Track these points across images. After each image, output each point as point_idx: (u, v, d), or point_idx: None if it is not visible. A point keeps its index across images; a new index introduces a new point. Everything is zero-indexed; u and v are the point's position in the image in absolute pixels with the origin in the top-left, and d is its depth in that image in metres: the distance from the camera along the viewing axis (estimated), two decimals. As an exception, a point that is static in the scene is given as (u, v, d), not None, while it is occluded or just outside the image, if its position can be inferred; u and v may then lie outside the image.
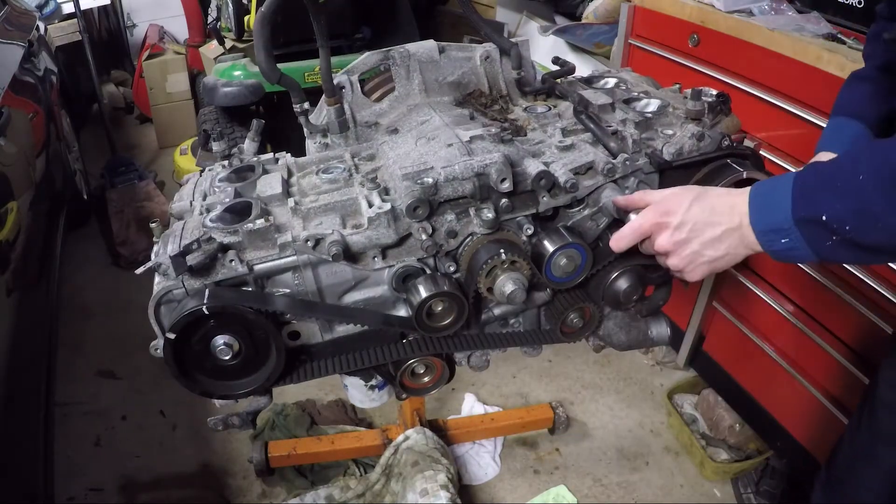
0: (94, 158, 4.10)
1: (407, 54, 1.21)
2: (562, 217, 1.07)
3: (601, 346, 1.26)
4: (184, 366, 0.98)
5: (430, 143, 1.06)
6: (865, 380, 1.60)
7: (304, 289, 0.99)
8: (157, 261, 0.91)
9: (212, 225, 0.97)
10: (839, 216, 0.74)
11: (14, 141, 2.12)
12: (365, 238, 0.96)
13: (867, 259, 0.79)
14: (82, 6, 3.96)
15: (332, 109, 1.16)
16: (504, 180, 0.96)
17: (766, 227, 0.82)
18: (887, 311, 1.56)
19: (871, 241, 0.74)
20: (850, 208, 0.74)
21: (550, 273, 1.04)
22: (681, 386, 2.37)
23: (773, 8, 1.87)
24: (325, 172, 1.08)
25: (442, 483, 1.80)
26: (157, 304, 0.94)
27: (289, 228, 0.97)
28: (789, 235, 0.79)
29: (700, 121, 1.09)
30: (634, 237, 0.94)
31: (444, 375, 1.16)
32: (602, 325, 1.21)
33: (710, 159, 1.06)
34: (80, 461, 2.22)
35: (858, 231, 0.74)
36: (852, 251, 0.77)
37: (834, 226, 0.75)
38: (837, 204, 0.75)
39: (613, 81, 1.30)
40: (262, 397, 1.08)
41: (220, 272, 0.93)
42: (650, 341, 1.24)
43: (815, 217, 0.76)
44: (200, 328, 0.95)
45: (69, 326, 2.73)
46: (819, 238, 0.77)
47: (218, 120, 3.26)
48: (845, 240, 0.75)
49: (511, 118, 1.19)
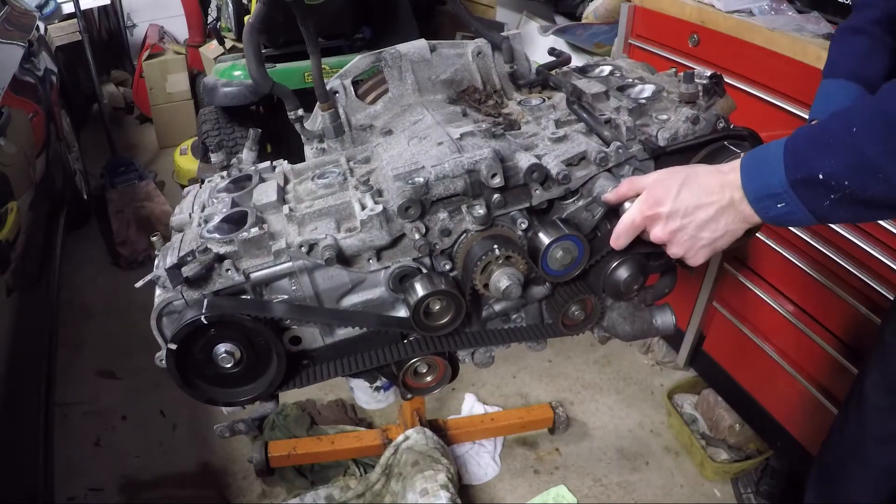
0: (94, 158, 4.10)
1: (398, 55, 1.21)
2: (557, 209, 1.06)
3: (606, 338, 1.25)
4: (187, 375, 0.99)
5: (421, 142, 1.05)
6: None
7: (302, 294, 1.00)
8: (156, 273, 0.93)
9: (208, 235, 0.97)
10: (836, 172, 0.72)
11: (14, 141, 2.12)
12: (358, 241, 0.96)
13: (865, 215, 0.76)
14: (82, 6, 3.95)
15: (326, 115, 1.16)
16: (494, 175, 0.95)
17: (761, 193, 0.80)
18: (885, 309, 1.56)
19: (870, 195, 0.72)
20: (846, 163, 0.72)
21: (547, 266, 1.02)
22: (681, 386, 2.37)
23: (773, 8, 1.87)
24: (321, 177, 1.08)
25: (442, 483, 1.80)
26: (159, 315, 0.96)
27: (283, 235, 0.97)
28: (785, 199, 0.77)
29: (694, 104, 1.07)
30: (630, 233, 0.93)
31: (446, 374, 1.16)
32: (606, 317, 1.20)
33: (706, 142, 1.04)
34: (80, 461, 2.22)
35: (859, 185, 0.71)
36: (850, 208, 0.74)
37: (832, 183, 0.73)
38: (832, 160, 0.72)
39: (608, 69, 1.29)
40: (268, 403, 1.09)
41: (217, 282, 0.94)
42: (655, 330, 1.22)
43: (810, 177, 0.74)
44: (201, 338, 0.96)
45: (69, 326, 2.73)
46: (817, 198, 0.75)
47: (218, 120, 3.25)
48: (844, 196, 0.73)
49: (505, 112, 1.18)
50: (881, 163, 0.69)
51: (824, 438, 1.42)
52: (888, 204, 0.73)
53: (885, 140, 0.68)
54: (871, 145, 0.70)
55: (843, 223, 1.56)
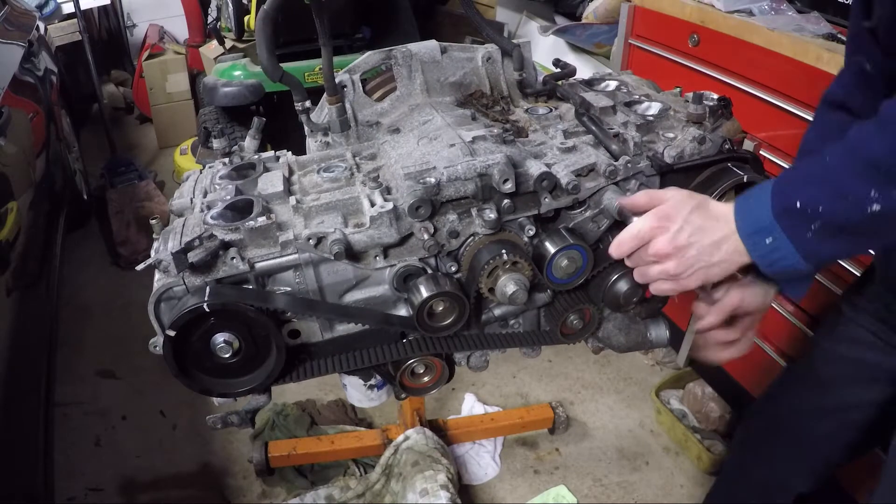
0: (94, 158, 4.10)
1: (409, 54, 1.21)
2: (563, 219, 1.07)
3: (600, 348, 1.26)
4: (183, 363, 0.98)
5: (432, 143, 1.06)
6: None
7: (305, 287, 0.99)
8: (157, 257, 0.91)
9: (213, 222, 0.96)
10: (811, 199, 0.77)
11: (14, 141, 2.12)
12: (367, 237, 0.96)
13: (851, 246, 0.80)
14: (82, 6, 3.96)
15: (333, 108, 1.16)
16: (507, 181, 0.96)
17: (751, 228, 0.83)
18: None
19: (844, 220, 0.76)
20: (819, 189, 0.77)
21: (552, 274, 1.04)
22: (665, 382, 2.37)
23: (773, 8, 1.87)
24: (327, 171, 1.08)
25: (442, 483, 1.80)
26: (158, 300, 0.94)
27: (290, 226, 0.97)
28: (772, 233, 0.81)
29: (701, 124, 1.09)
30: (634, 242, 0.93)
31: (443, 375, 1.16)
32: (602, 327, 1.21)
33: (710, 163, 1.06)
34: (80, 461, 2.22)
35: (832, 210, 0.76)
36: (830, 239, 0.78)
37: (808, 210, 0.77)
38: (809, 188, 0.78)
39: (614, 84, 1.30)
40: (261, 396, 1.07)
41: (220, 269, 0.93)
42: (649, 343, 1.24)
43: (790, 205, 0.79)
44: (200, 326, 0.95)
45: (69, 326, 2.72)
46: (799, 228, 0.79)
47: (218, 120, 3.26)
48: (823, 225, 0.77)
49: (512, 119, 1.19)
50: (847, 184, 0.75)
51: (760, 395, 1.46)
52: (863, 230, 0.77)
53: (852, 166, 0.75)
54: (840, 171, 0.76)
55: (831, 262, 1.58)
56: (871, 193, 0.72)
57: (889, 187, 0.72)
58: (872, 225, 0.75)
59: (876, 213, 0.73)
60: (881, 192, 0.72)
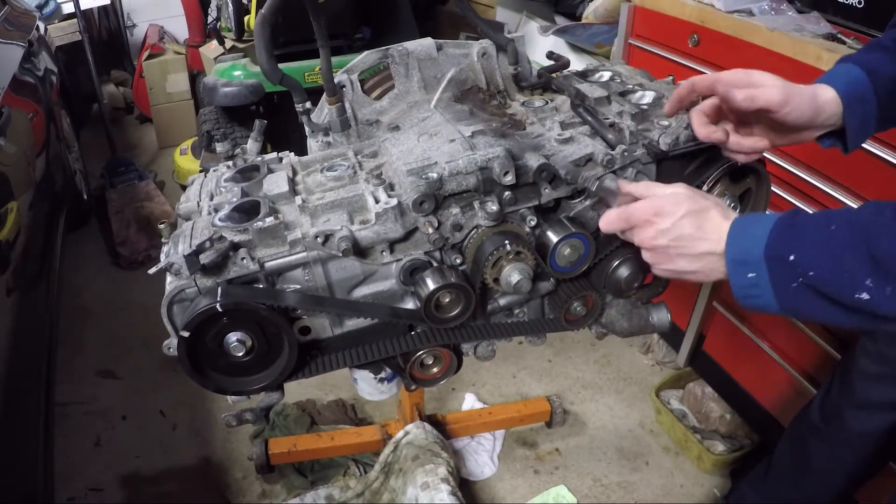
0: (94, 158, 4.10)
1: (405, 52, 1.23)
2: (564, 208, 1.10)
3: (604, 334, 1.29)
4: (198, 363, 0.99)
5: (432, 138, 1.08)
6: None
7: (315, 284, 1.01)
8: (168, 261, 0.93)
9: (221, 224, 0.98)
10: (806, 259, 0.76)
11: (14, 141, 2.12)
12: (373, 233, 0.98)
13: (829, 315, 0.78)
14: (82, 6, 3.96)
15: (333, 108, 1.18)
16: (507, 173, 0.98)
17: (738, 256, 0.82)
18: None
19: (829, 291, 0.75)
20: (818, 255, 0.76)
21: (555, 263, 1.06)
22: (665, 382, 2.37)
23: (773, 8, 1.87)
24: (330, 170, 1.10)
25: (442, 476, 1.81)
26: (170, 303, 0.95)
27: (297, 226, 0.99)
28: (756, 270, 0.80)
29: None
30: (620, 224, 0.94)
31: (452, 366, 1.19)
32: (604, 313, 1.24)
33: (705, 149, 1.08)
34: (79, 461, 2.22)
35: (822, 279, 0.75)
36: (813, 301, 0.77)
37: (799, 268, 0.76)
38: (808, 249, 0.77)
39: (608, 75, 1.32)
40: (274, 393, 1.09)
41: (231, 270, 0.95)
42: (651, 327, 1.26)
43: (783, 256, 0.77)
44: (214, 326, 0.97)
45: (69, 326, 2.73)
46: (783, 278, 0.78)
47: (218, 120, 3.26)
48: (808, 284, 0.76)
49: (510, 113, 1.21)
50: (846, 263, 0.74)
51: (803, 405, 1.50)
52: (846, 307, 0.75)
53: (856, 249, 0.73)
54: (842, 248, 0.74)
55: (802, 318, 1.61)
56: (867, 282, 0.72)
57: (884, 283, 0.71)
58: (855, 307, 0.74)
59: (862, 300, 0.72)
60: (875, 284, 0.71)
